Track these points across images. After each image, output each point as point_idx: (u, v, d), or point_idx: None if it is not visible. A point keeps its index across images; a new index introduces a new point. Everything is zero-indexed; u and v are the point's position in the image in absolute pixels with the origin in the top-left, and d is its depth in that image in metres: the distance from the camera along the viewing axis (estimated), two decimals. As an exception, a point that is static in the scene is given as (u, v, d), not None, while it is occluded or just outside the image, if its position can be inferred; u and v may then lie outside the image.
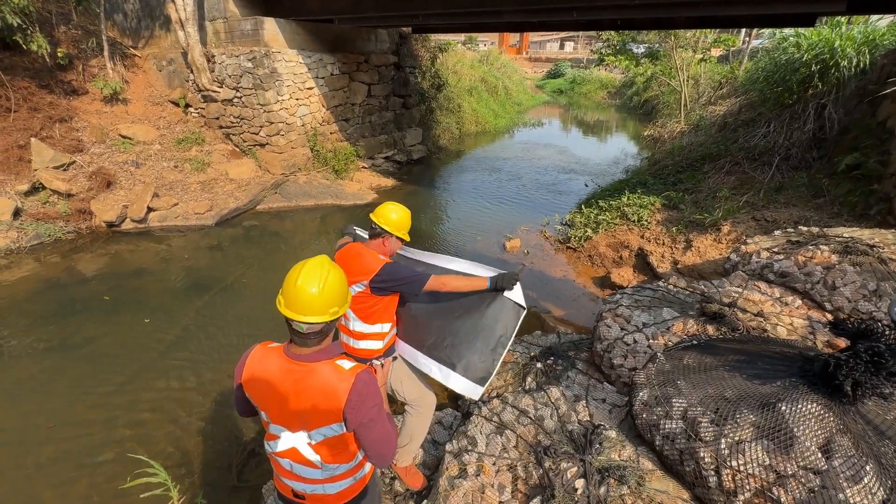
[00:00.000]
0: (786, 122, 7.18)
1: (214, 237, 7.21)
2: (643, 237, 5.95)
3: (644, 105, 19.92)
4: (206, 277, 5.94)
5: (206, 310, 5.16)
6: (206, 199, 7.84)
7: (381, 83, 10.77)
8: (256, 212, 8.24)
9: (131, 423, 3.54)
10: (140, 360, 4.26)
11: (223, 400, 3.78)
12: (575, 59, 34.81)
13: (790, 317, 3.07)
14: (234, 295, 5.51)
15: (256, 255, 6.65)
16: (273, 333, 4.68)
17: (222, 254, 6.71)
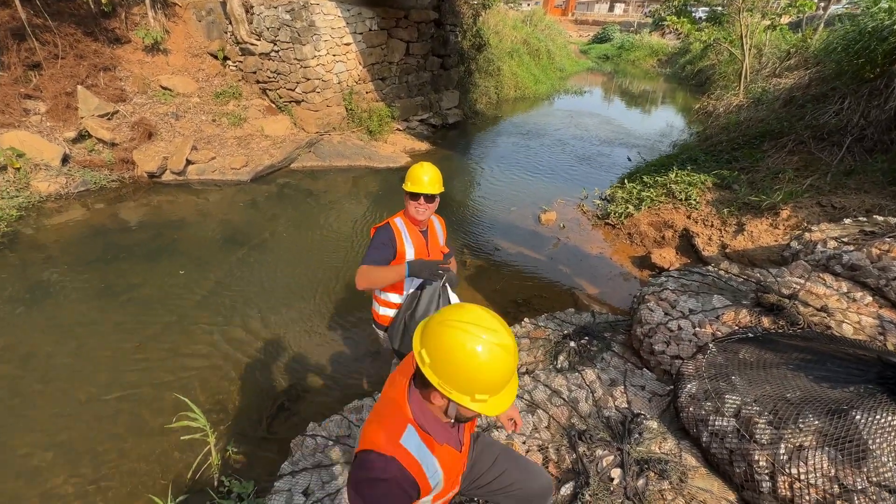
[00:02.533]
0: (864, 98, 6.47)
1: (249, 193, 7.27)
2: (690, 217, 5.60)
3: (697, 75, 18.54)
4: (241, 232, 6.02)
5: (240, 264, 5.24)
6: (243, 155, 7.88)
7: (420, 41, 10.34)
8: (290, 170, 8.24)
9: (171, 368, 3.67)
10: (178, 310, 4.39)
11: (254, 353, 3.86)
12: (625, 23, 32.54)
13: (858, 314, 2.81)
14: (267, 251, 5.57)
15: (289, 214, 6.68)
16: (304, 290, 4.72)
17: (256, 210, 6.77)
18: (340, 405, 2.95)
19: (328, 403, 3.36)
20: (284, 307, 4.48)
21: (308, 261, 5.40)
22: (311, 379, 3.63)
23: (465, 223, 6.49)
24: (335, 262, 5.37)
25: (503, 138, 10.90)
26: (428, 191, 2.18)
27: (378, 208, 7.02)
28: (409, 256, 2.19)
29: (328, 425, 2.67)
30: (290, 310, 4.44)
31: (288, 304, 4.52)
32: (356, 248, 5.71)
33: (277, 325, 4.22)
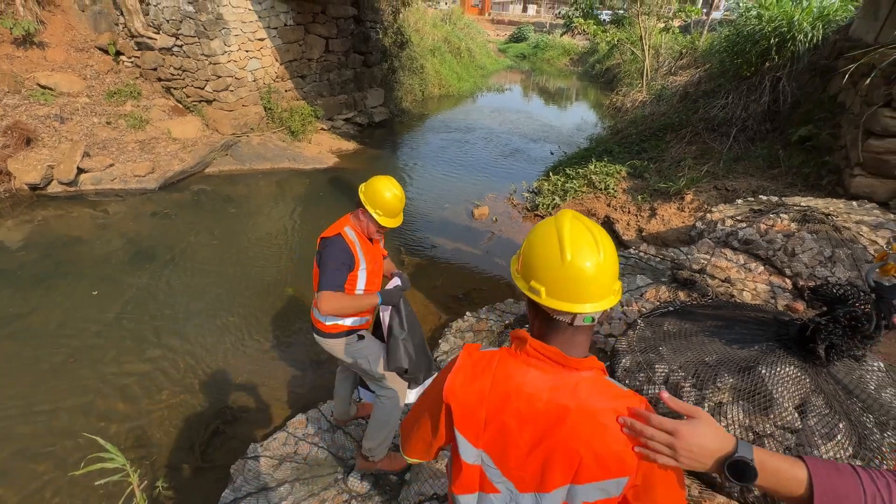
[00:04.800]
0: (743, 93, 7.38)
1: (159, 202, 6.61)
2: (610, 205, 6.03)
3: (606, 73, 19.99)
4: (152, 246, 5.45)
5: (151, 282, 4.74)
6: (147, 160, 7.13)
7: (339, 38, 10.04)
8: (205, 175, 7.61)
9: (76, 407, 3.22)
10: (80, 337, 3.87)
11: (177, 377, 3.52)
12: (538, 23, 34.16)
13: (754, 282, 3.19)
14: (184, 265, 5.10)
15: (207, 222, 6.17)
16: (231, 303, 4.39)
17: (168, 220, 6.17)
18: (284, 421, 2.79)
19: (269, 421, 3.16)
20: (209, 323, 4.13)
21: (232, 272, 5.02)
22: (247, 397, 3.38)
23: (399, 222, 6.43)
24: (263, 270, 5.06)
25: (431, 135, 10.95)
26: (399, 223, 2.16)
27: (307, 211, 6.73)
28: (362, 270, 2.12)
29: (271, 444, 2.51)
30: (215, 325, 4.11)
31: (213, 320, 4.17)
32: (284, 255, 5.42)
33: (203, 343, 3.89)
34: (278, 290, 4.71)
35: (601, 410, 0.87)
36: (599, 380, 0.92)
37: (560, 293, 0.88)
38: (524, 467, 0.95)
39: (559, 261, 0.88)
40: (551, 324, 0.93)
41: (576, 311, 0.88)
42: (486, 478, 1.00)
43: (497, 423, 0.94)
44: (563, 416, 0.89)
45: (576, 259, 0.87)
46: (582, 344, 0.95)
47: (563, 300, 0.88)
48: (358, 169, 8.46)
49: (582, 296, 0.88)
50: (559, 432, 0.89)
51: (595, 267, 0.87)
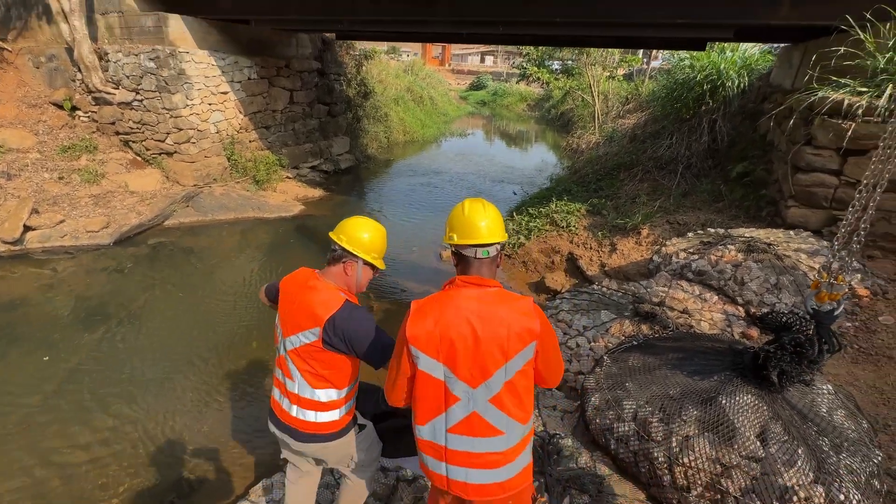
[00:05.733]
0: (685, 134, 8.00)
1: (113, 258, 6.32)
2: (572, 242, 6.24)
3: (561, 117, 21.24)
4: (104, 305, 5.16)
5: (104, 343, 4.46)
6: (102, 215, 6.87)
7: (304, 89, 10.29)
8: (165, 228, 7.39)
9: (15, 488, 2.90)
10: (19, 411, 3.54)
11: (128, 450, 3.25)
12: (495, 73, 36.28)
13: (710, 312, 3.34)
14: (140, 324, 4.83)
15: (166, 277, 5.93)
16: (188, 365, 4.16)
17: (123, 277, 5.89)
18: (245, 489, 2.61)
19: (230, 491, 2.94)
20: (165, 386, 3.88)
21: (191, 328, 4.80)
22: (206, 466, 3.15)
23: (368, 267, 6.39)
24: (224, 325, 4.86)
25: (397, 180, 11.16)
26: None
27: (272, 261, 6.60)
28: None
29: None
30: (171, 388, 3.86)
31: (169, 382, 3.93)
32: (248, 307, 5.24)
33: (157, 409, 3.63)
34: (242, 344, 4.51)
35: (511, 305, 1.36)
36: (503, 291, 1.42)
37: (463, 235, 1.43)
38: (472, 365, 1.34)
39: (462, 216, 1.45)
40: (465, 261, 1.44)
41: (474, 243, 1.41)
42: (448, 391, 1.37)
43: (448, 338, 1.34)
44: (488, 315, 1.34)
45: (471, 215, 1.44)
46: (488, 272, 1.44)
47: (465, 239, 1.42)
48: (324, 215, 8.45)
49: (476, 235, 1.41)
50: (488, 327, 1.33)
51: (483, 219, 1.43)
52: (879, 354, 2.95)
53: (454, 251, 1.48)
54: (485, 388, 1.35)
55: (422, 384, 1.40)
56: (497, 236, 1.44)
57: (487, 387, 1.35)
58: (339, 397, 1.72)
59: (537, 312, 1.37)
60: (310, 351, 1.64)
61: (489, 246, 1.42)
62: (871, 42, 4.18)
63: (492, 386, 1.34)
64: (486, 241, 1.41)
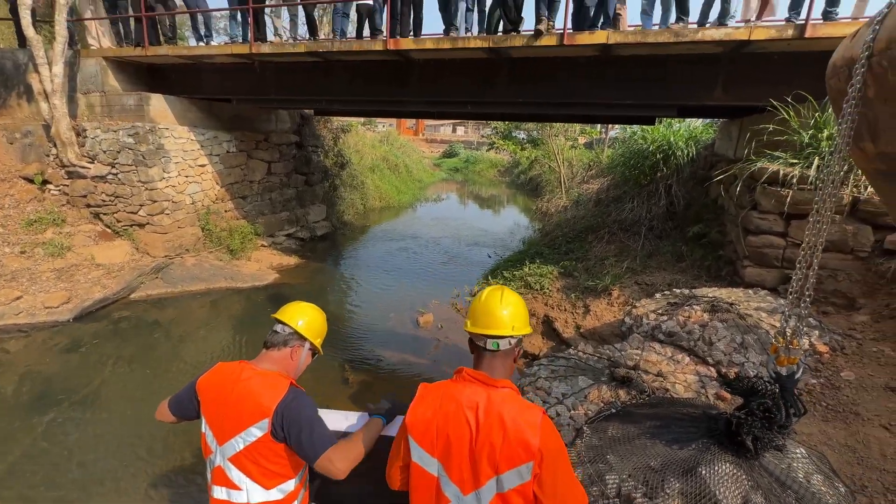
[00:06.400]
0: (644, 198, 8.54)
1: (71, 335, 5.99)
2: (547, 304, 6.34)
3: (530, 182, 22.38)
4: (54, 388, 4.81)
5: (53, 429, 4.10)
6: (63, 290, 6.60)
7: (282, 161, 10.60)
8: (130, 301, 7.12)
9: None
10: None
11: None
12: (467, 142, 38.44)
13: (683, 374, 3.39)
14: (95, 407, 4.50)
15: (126, 354, 5.63)
16: (149, 454, 3.85)
17: (80, 355, 5.56)
18: None
19: None
20: (121, 481, 3.55)
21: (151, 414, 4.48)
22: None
23: (344, 337, 6.26)
24: (191, 405, 4.57)
25: (373, 246, 11.28)
26: None
27: (243, 333, 6.39)
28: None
29: None
30: (129, 485, 3.53)
31: (126, 477, 3.60)
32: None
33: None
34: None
35: (514, 414, 1.23)
36: (513, 395, 1.30)
37: (476, 323, 1.37)
38: (463, 469, 1.25)
39: (479, 303, 1.39)
40: (477, 351, 1.38)
41: (484, 333, 1.33)
42: (440, 490, 1.29)
43: (444, 434, 1.27)
44: (487, 419, 1.23)
45: (486, 303, 1.37)
46: (499, 368, 1.35)
47: (477, 327, 1.36)
48: (299, 283, 8.36)
49: (488, 325, 1.34)
50: (484, 432, 1.22)
51: (498, 308, 1.34)
52: (847, 411, 3.03)
53: (469, 339, 1.42)
54: (475, 498, 1.23)
55: (416, 476, 1.32)
56: (511, 328, 1.32)
57: (478, 497, 1.23)
58: (295, 485, 1.59)
59: (544, 429, 1.21)
60: (258, 448, 1.49)
61: (501, 338, 1.32)
62: (795, 120, 4.74)
63: (482, 497, 1.22)
64: (497, 331, 1.32)
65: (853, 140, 1.81)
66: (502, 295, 1.39)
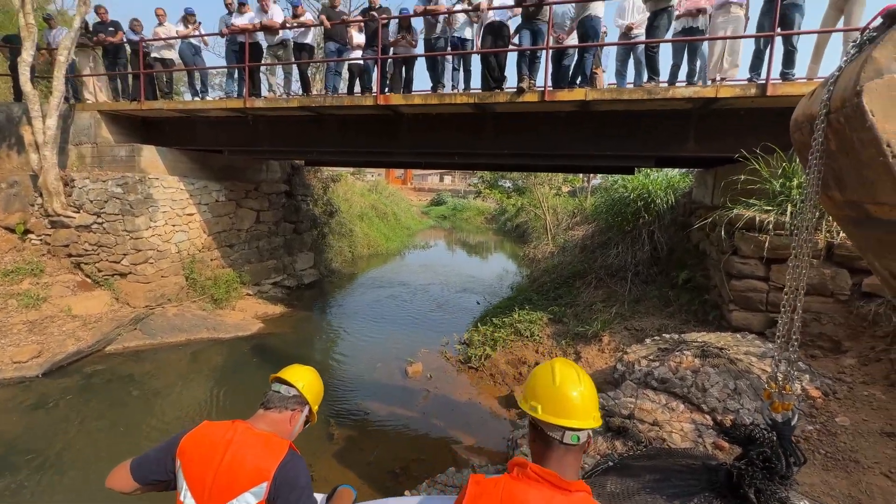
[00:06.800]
0: (629, 244, 8.73)
1: (38, 392, 5.66)
2: (537, 351, 6.25)
3: (517, 228, 22.78)
4: (16, 449, 4.47)
5: (8, 498, 3.76)
6: (35, 343, 6.31)
7: (271, 209, 10.67)
8: (105, 354, 6.82)
9: None
10: None
11: None
12: (454, 190, 39.40)
13: (679, 422, 3.32)
14: (59, 470, 4.17)
15: (96, 411, 5.32)
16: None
17: (46, 413, 5.22)
18: None
19: None
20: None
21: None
22: None
23: (330, 389, 6.01)
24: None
25: (361, 293, 11.16)
26: None
27: (222, 387, 6.11)
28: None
29: None
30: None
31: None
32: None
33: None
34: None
35: None
36: (588, 501, 1.13)
37: (551, 410, 1.16)
38: None
39: (551, 385, 1.18)
40: (546, 443, 1.17)
41: (563, 424, 1.14)
42: None
43: None
44: None
45: (563, 385, 1.17)
46: (572, 465, 1.16)
47: (552, 415, 1.15)
48: (284, 333, 8.15)
49: (568, 413, 1.15)
50: None
51: (578, 393, 1.17)
52: (846, 459, 2.96)
53: (532, 422, 1.22)
54: None
55: None
56: (593, 417, 1.18)
57: None
58: None
59: None
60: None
61: (581, 431, 1.15)
62: (765, 170, 4.99)
63: None
64: (579, 423, 1.14)
65: (821, 189, 1.91)
66: (579, 375, 1.21)
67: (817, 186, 1.86)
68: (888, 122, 1.46)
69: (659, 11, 5.54)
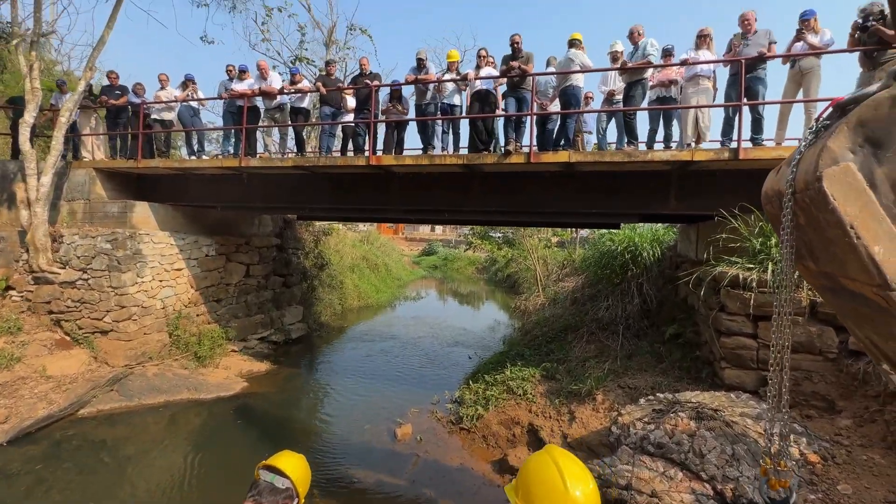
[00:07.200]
0: (619, 297, 8.77)
1: (2, 460, 5.29)
2: (531, 411, 6.07)
3: (508, 279, 22.87)
4: (-31, 532, 4.11)
5: None
6: (3, 408, 5.97)
7: (261, 263, 10.64)
8: (77, 418, 6.47)
9: None
10: None
11: None
12: (445, 240, 39.86)
13: (678, 493, 3.19)
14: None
15: (63, 480, 4.96)
16: None
17: (9, 485, 4.86)
18: None
19: None
20: None
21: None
22: None
23: (314, 454, 5.73)
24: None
25: (350, 348, 10.92)
26: None
27: (200, 453, 5.78)
28: None
29: None
30: None
31: None
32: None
33: None
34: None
35: None
36: None
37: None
38: None
39: (563, 491, 1.08)
40: None
41: None
42: None
43: None
44: None
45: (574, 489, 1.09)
46: None
47: None
48: (269, 392, 7.85)
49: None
50: None
51: (590, 495, 1.10)
52: (853, 531, 2.85)
53: None
54: None
55: None
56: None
57: None
58: None
59: None
60: None
61: None
62: (744, 228, 5.16)
63: None
64: None
65: (796, 258, 1.98)
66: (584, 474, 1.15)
67: (791, 258, 1.93)
68: (849, 206, 1.55)
69: (634, 83, 5.96)
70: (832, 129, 1.71)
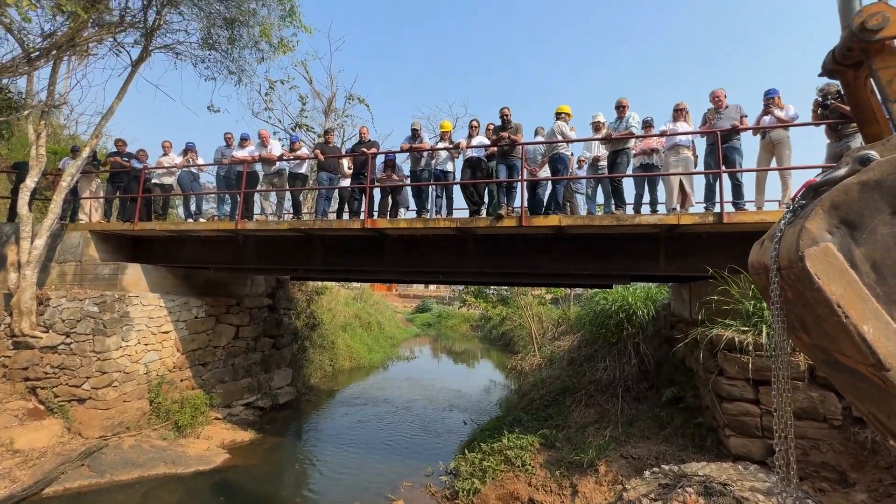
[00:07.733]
0: (616, 357, 8.61)
1: (-51, 553, 4.80)
2: (531, 484, 5.73)
3: (503, 336, 22.50)
4: None
5: None
6: (-39, 488, 5.54)
7: (251, 324, 10.42)
8: (42, 497, 5.98)
9: None
10: None
11: None
12: (439, 297, 39.61)
13: (693, 583, 2.94)
14: None
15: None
16: None
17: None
18: None
19: None
20: None
21: None
22: None
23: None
24: None
25: (340, 414, 10.44)
26: None
27: (175, 538, 5.30)
28: None
29: None
30: None
31: None
32: None
33: None
34: None
35: None
36: None
37: None
38: None
39: None
40: None
41: None
42: None
43: None
44: None
45: None
46: None
47: None
48: (251, 465, 7.38)
49: None
50: None
51: None
52: None
53: None
54: None
55: None
56: None
57: None
58: None
59: None
60: None
61: None
62: (736, 290, 5.21)
63: None
64: None
65: (789, 331, 1.98)
66: None
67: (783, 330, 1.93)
68: (833, 285, 1.58)
69: (619, 151, 6.28)
70: (808, 209, 1.79)
